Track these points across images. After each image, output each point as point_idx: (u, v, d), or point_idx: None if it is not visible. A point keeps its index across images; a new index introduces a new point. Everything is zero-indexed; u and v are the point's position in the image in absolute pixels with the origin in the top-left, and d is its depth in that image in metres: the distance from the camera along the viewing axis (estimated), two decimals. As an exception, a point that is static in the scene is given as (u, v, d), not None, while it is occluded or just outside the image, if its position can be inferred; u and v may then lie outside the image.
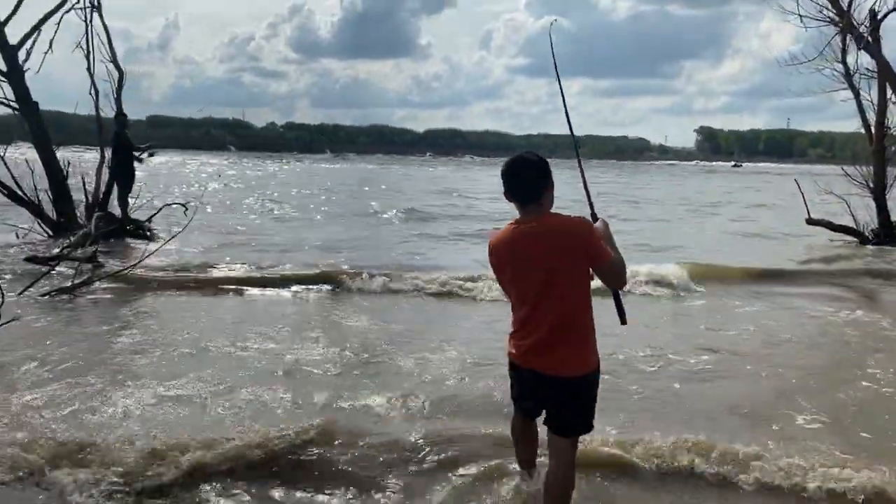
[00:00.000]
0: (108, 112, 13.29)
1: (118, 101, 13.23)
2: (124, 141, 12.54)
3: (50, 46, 12.98)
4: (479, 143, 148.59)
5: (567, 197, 5.38)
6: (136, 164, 12.97)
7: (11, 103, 12.36)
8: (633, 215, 21.62)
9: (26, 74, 12.35)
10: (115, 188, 12.65)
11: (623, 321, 3.45)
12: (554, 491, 3.28)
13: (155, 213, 12.87)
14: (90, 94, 13.24)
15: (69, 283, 8.18)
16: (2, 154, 12.03)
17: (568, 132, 4.02)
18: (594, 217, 3.44)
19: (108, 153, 12.70)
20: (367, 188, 33.68)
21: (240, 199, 23.95)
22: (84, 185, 12.44)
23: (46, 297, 7.95)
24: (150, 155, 13.15)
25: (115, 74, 13.34)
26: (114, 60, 13.38)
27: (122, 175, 12.49)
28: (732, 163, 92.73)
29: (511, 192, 3.21)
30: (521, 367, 3.30)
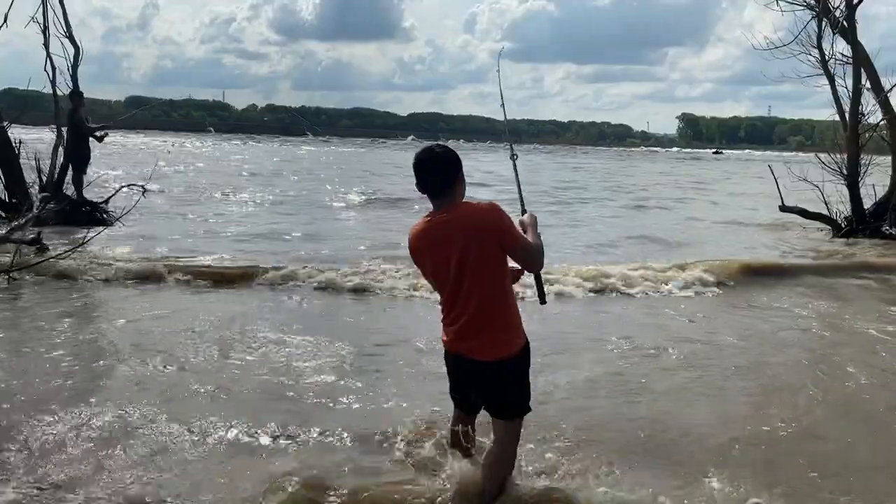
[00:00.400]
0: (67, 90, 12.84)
1: (74, 78, 12.73)
2: (77, 121, 12.05)
3: (5, 20, 12.55)
4: (463, 128, 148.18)
5: (556, 178, 5.12)
6: (97, 143, 12.52)
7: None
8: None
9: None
10: (71, 169, 12.21)
11: (542, 301, 3.69)
12: (491, 470, 3.38)
13: (112, 195, 12.51)
14: (45, 70, 12.79)
15: (6, 267, 7.79)
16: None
17: (550, 118, 3.95)
18: (523, 210, 3.54)
19: (64, 133, 12.24)
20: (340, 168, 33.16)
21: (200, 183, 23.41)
22: (38, 165, 12.02)
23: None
24: (101, 138, 12.62)
25: (71, 50, 12.84)
26: (70, 36, 12.84)
27: (77, 156, 12.03)
28: (713, 150, 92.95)
29: (422, 186, 3.26)
30: (450, 353, 3.40)
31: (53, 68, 12.75)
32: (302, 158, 46.48)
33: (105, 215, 12.20)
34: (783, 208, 14.45)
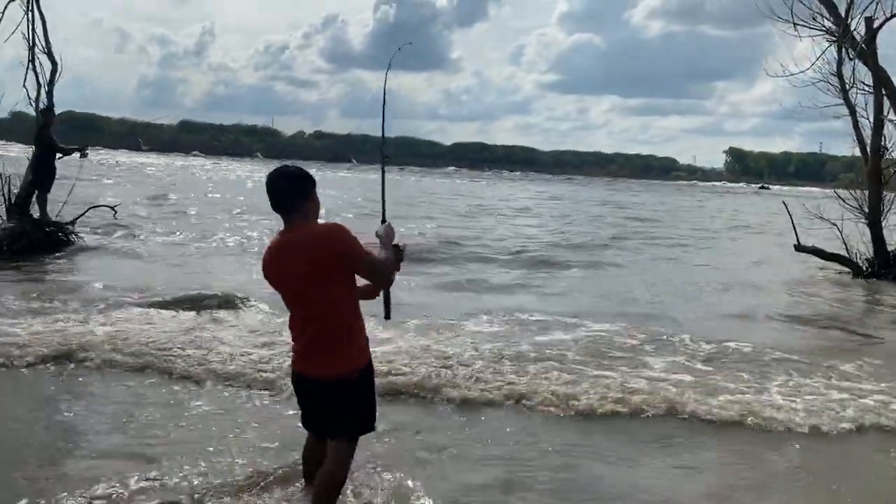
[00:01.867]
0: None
1: (49, 94, 12.43)
2: (46, 138, 11.70)
3: None
4: (506, 158, 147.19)
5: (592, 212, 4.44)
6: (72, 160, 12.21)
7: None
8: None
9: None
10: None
11: (387, 316, 3.71)
12: (319, 486, 3.40)
13: (80, 216, 12.18)
14: (24, 86, 12.53)
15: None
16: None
17: (594, 150, 3.56)
18: (384, 220, 3.57)
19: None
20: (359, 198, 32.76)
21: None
22: (4, 183, 11.69)
23: None
24: (82, 155, 12.29)
25: (49, 67, 12.56)
26: (49, 52, 12.58)
27: (42, 174, 11.66)
28: (759, 185, 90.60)
29: (273, 204, 3.33)
30: (295, 372, 3.46)
31: (39, 85, 12.57)
32: (348, 182, 46.34)
33: (70, 236, 11.78)
34: (798, 248, 13.35)
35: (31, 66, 12.43)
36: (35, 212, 11.69)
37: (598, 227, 23.30)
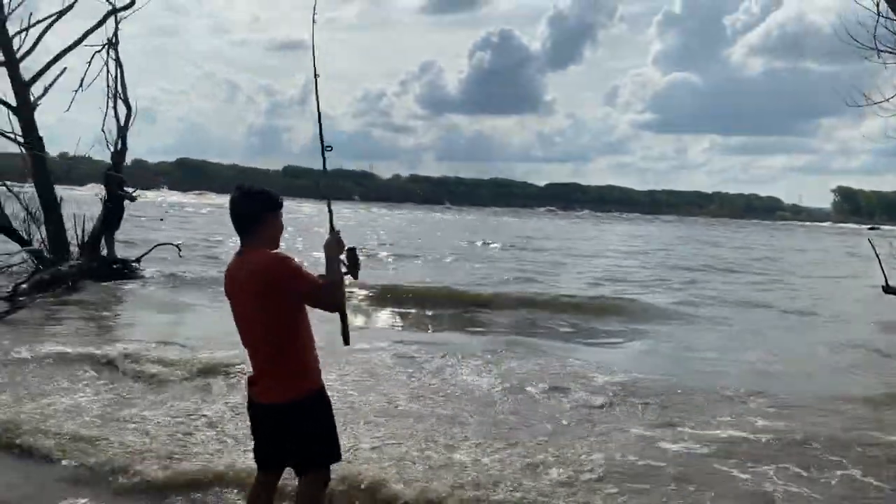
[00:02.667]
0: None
1: (123, 137, 13.08)
2: (115, 180, 12.27)
3: (81, 85, 13.21)
4: (599, 198, 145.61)
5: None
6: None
7: (18, 138, 12.45)
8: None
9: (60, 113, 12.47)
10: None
11: (345, 342, 3.47)
12: None
13: (145, 253, 12.61)
14: (102, 130, 13.25)
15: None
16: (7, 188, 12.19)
17: (687, 189, 3.21)
18: (332, 230, 3.39)
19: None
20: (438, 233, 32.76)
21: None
22: (76, 221, 12.32)
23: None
24: (132, 199, 12.78)
25: (124, 112, 13.25)
26: (125, 98, 13.31)
27: (110, 212, 12.20)
28: (869, 225, 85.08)
29: (233, 224, 3.25)
30: (248, 398, 3.35)
31: (120, 127, 13.26)
32: (434, 223, 46.82)
33: (136, 272, 12.23)
34: (887, 289, 12.28)
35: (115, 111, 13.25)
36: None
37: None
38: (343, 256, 3.34)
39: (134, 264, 12.33)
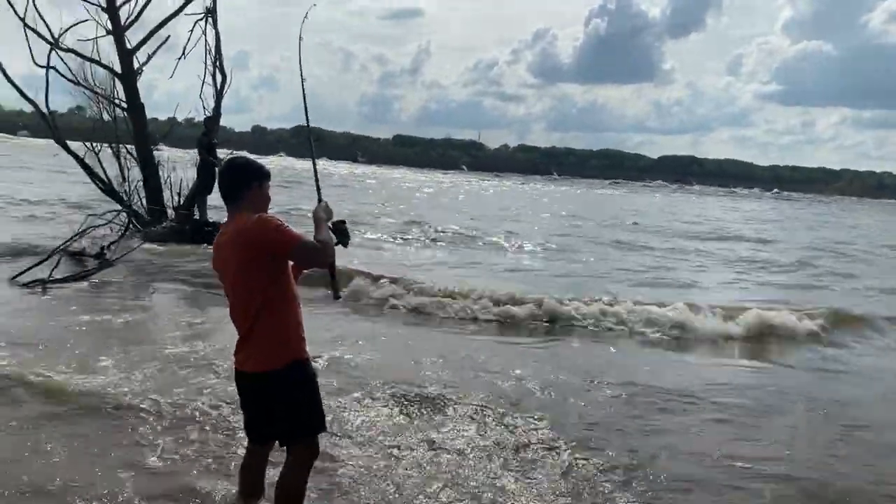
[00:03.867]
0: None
1: (217, 104, 13.52)
2: (204, 144, 12.70)
3: (183, 53, 13.74)
4: (716, 172, 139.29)
5: None
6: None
7: (122, 103, 13.10)
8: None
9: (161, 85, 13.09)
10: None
11: (335, 296, 3.72)
12: (277, 494, 3.32)
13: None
14: (200, 97, 13.75)
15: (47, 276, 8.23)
16: (113, 150, 12.92)
17: (815, 165, 3.16)
18: (319, 200, 3.47)
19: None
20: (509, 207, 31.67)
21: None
22: (171, 184, 12.89)
23: (26, 286, 8.06)
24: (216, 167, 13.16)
25: (219, 79, 13.67)
26: (220, 66, 13.72)
27: (202, 176, 12.66)
28: None
29: (220, 195, 3.37)
30: (235, 369, 3.37)
31: (216, 94, 13.75)
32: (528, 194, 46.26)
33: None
34: None
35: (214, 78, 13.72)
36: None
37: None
38: (330, 225, 3.36)
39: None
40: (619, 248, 17.55)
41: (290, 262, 3.30)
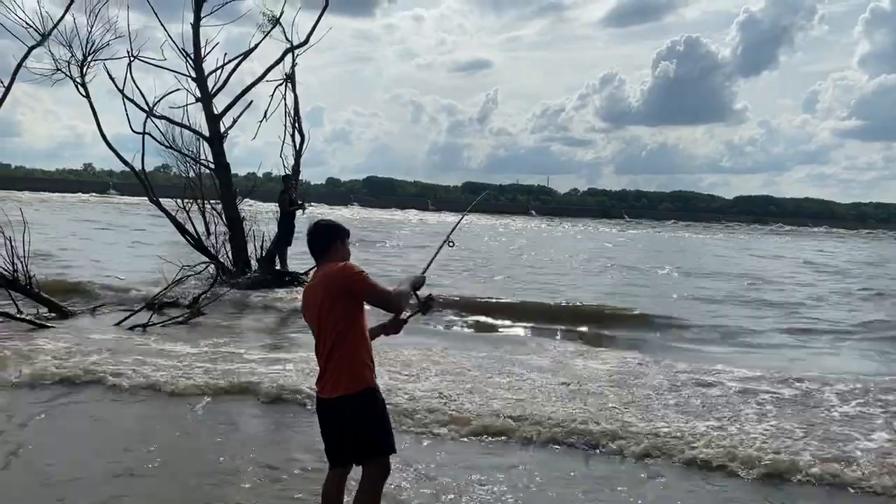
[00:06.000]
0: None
1: (297, 162, 14.46)
2: (283, 200, 13.57)
3: (265, 116, 14.81)
4: (795, 212, 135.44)
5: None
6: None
7: (210, 164, 14.13)
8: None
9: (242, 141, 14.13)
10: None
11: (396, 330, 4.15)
12: None
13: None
14: (281, 156, 14.76)
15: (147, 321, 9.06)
16: (200, 207, 13.94)
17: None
18: (424, 271, 4.12)
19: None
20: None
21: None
22: (253, 237, 13.77)
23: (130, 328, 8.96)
24: (302, 210, 13.96)
25: (298, 140, 14.64)
26: (299, 127, 14.70)
27: (283, 230, 13.49)
28: None
29: (309, 251, 3.93)
30: (318, 398, 3.85)
31: (295, 153, 14.75)
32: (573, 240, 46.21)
33: (302, 284, 13.42)
34: None
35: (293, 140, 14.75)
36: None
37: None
38: (421, 295, 4.05)
39: (302, 277, 13.52)
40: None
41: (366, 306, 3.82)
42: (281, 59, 14.68)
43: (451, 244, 4.43)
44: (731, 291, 17.30)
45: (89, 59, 12.61)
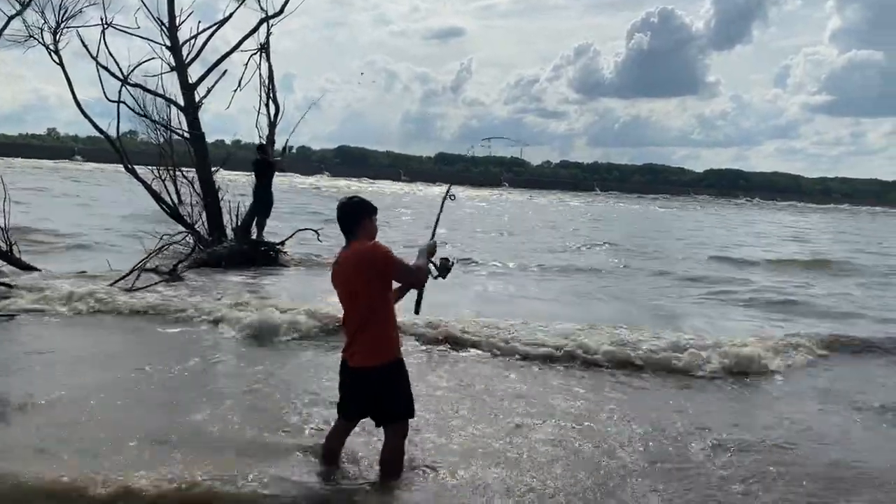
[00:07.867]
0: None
1: (271, 132, 14.52)
2: (263, 169, 13.69)
3: (239, 85, 14.80)
4: (764, 185, 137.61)
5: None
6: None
7: (185, 134, 14.18)
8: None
9: (213, 108, 14.14)
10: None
11: (416, 311, 4.47)
12: (384, 470, 4.30)
13: (288, 238, 13.93)
14: (256, 126, 14.80)
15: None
16: (171, 175, 14.00)
17: (868, 176, 3.81)
18: (432, 237, 4.46)
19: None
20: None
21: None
22: (229, 208, 13.89)
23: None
24: (280, 169, 14.11)
25: (273, 109, 14.70)
26: (273, 97, 14.74)
27: (259, 200, 13.63)
28: None
29: (339, 226, 4.18)
30: (344, 361, 4.19)
31: (270, 123, 14.81)
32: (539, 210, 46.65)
33: (278, 254, 13.62)
34: None
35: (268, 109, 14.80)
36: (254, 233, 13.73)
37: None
38: (436, 260, 4.34)
39: (278, 247, 13.70)
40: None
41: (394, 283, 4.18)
42: (255, 29, 14.66)
43: (452, 198, 4.78)
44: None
45: (62, 25, 12.55)
